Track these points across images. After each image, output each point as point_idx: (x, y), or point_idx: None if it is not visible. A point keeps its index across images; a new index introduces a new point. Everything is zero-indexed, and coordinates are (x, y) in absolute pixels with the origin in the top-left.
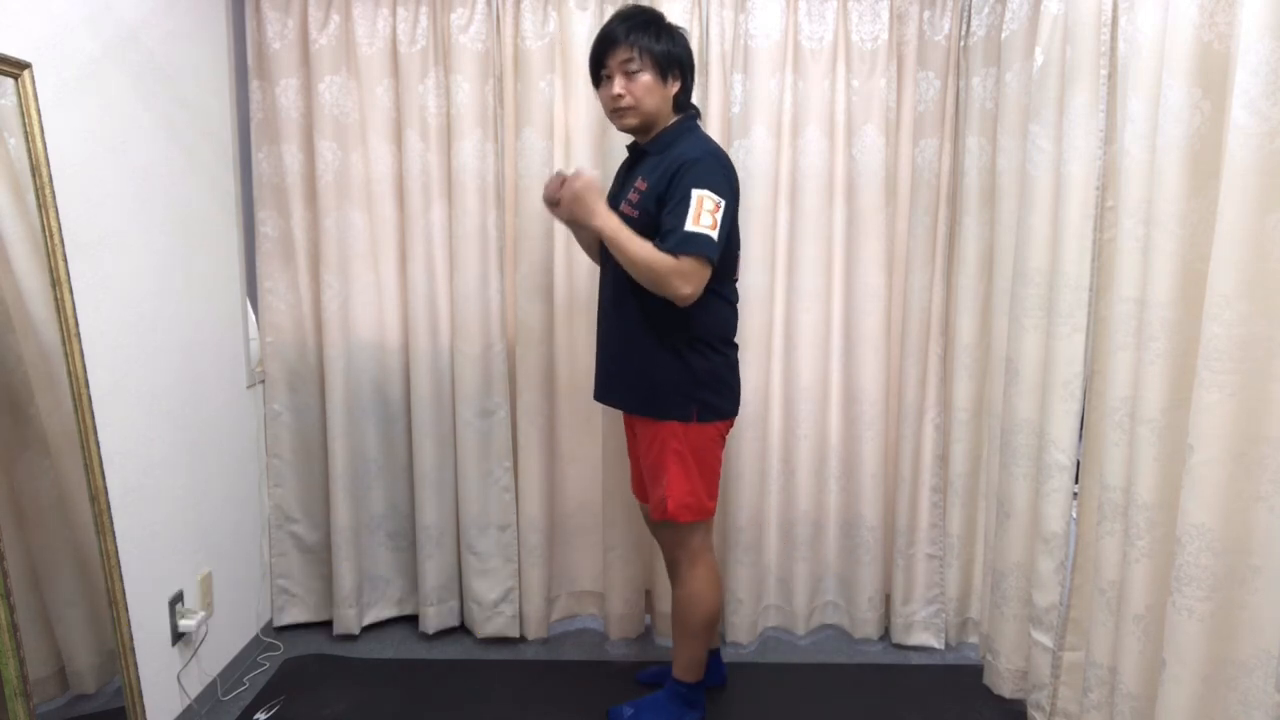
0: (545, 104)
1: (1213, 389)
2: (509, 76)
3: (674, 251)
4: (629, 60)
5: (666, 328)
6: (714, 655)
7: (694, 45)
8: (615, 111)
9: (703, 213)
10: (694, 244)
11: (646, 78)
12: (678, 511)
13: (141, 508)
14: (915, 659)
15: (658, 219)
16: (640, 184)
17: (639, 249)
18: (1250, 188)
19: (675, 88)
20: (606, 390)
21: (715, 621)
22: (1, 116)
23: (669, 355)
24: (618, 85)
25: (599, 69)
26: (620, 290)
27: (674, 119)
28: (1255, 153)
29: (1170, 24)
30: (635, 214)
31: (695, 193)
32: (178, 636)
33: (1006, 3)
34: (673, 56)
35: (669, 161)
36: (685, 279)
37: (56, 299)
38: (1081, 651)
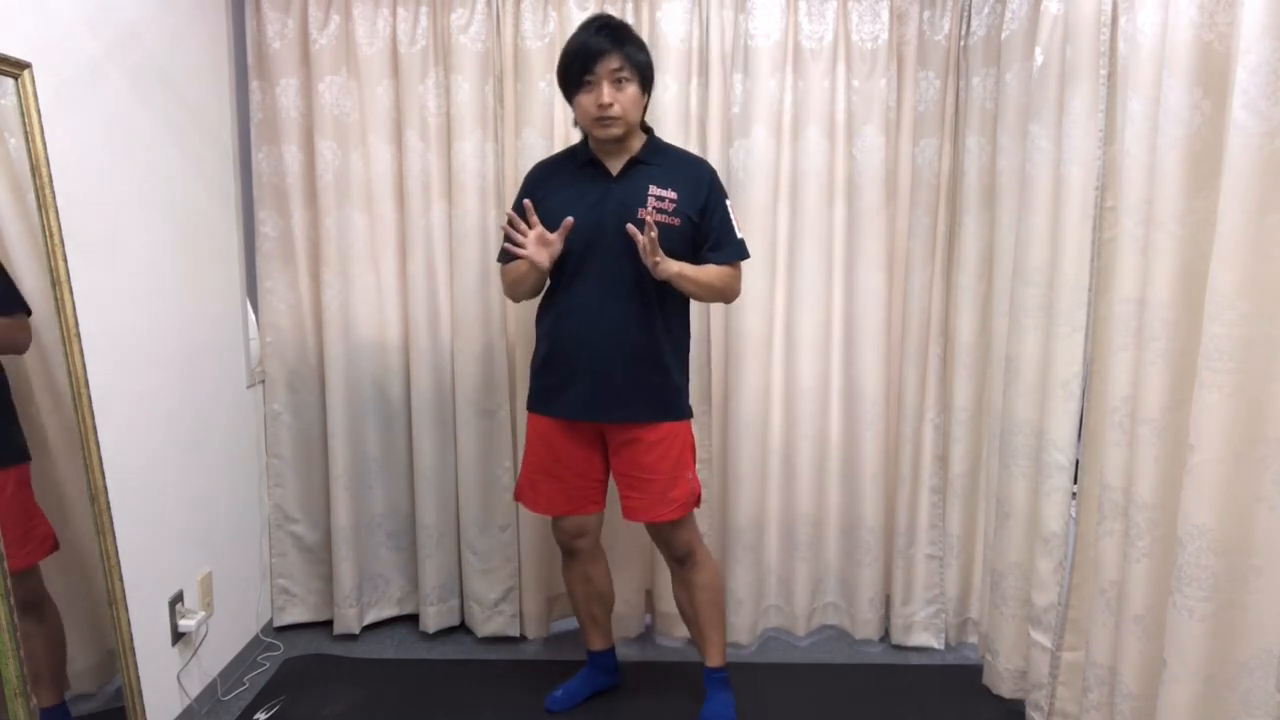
0: (545, 104)
1: (1213, 389)
2: (509, 76)
3: (733, 260)
4: (619, 69)
5: (677, 334)
6: (610, 652)
7: (694, 45)
8: (600, 120)
9: (736, 220)
10: (743, 250)
11: (633, 89)
12: (698, 501)
13: (141, 508)
14: (915, 659)
15: (700, 227)
16: (665, 192)
17: (710, 274)
18: (1250, 188)
19: (647, 100)
20: (608, 406)
21: None
22: (1, 116)
23: (677, 360)
24: (607, 94)
25: (581, 75)
26: (639, 306)
27: (640, 132)
28: (1255, 153)
29: (1170, 24)
30: (676, 222)
31: (726, 203)
32: (178, 636)
33: (1006, 3)
34: (651, 69)
35: (691, 173)
36: (740, 280)
37: (56, 299)
38: (1081, 651)
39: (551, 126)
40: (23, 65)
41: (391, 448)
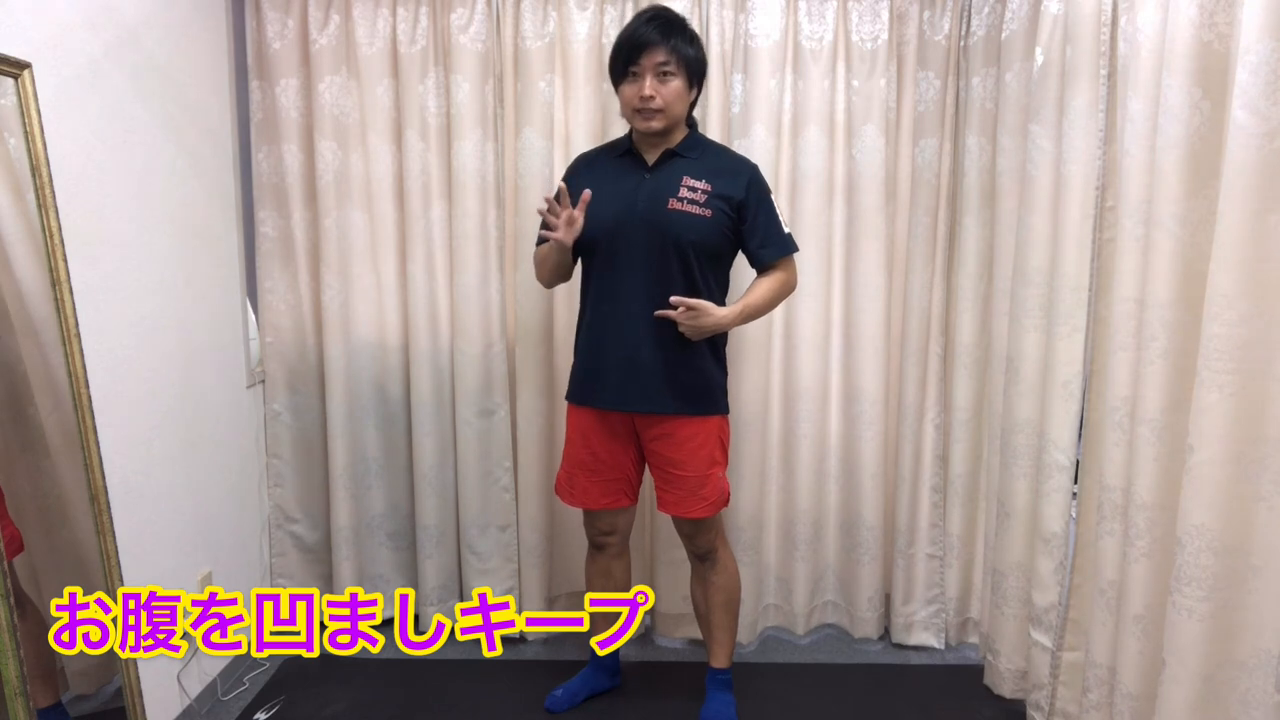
0: (545, 104)
1: (1213, 389)
2: (509, 76)
3: (780, 256)
4: (665, 63)
5: None
6: (614, 658)
7: None
8: (641, 112)
9: (780, 213)
10: (792, 243)
11: (678, 83)
12: (726, 500)
13: (141, 508)
14: (915, 659)
15: (735, 219)
16: (698, 183)
17: (763, 290)
18: (1250, 188)
19: (695, 95)
20: (637, 396)
21: None
22: (1, 116)
23: (712, 352)
24: (649, 86)
25: (627, 65)
26: (667, 297)
27: (684, 126)
28: (1255, 153)
29: (1170, 24)
30: (709, 213)
31: (772, 199)
32: None
33: (1006, 3)
34: (701, 64)
35: (729, 167)
36: (795, 272)
37: (56, 299)
38: (1081, 651)
39: (551, 126)
40: (23, 65)
41: (391, 448)
